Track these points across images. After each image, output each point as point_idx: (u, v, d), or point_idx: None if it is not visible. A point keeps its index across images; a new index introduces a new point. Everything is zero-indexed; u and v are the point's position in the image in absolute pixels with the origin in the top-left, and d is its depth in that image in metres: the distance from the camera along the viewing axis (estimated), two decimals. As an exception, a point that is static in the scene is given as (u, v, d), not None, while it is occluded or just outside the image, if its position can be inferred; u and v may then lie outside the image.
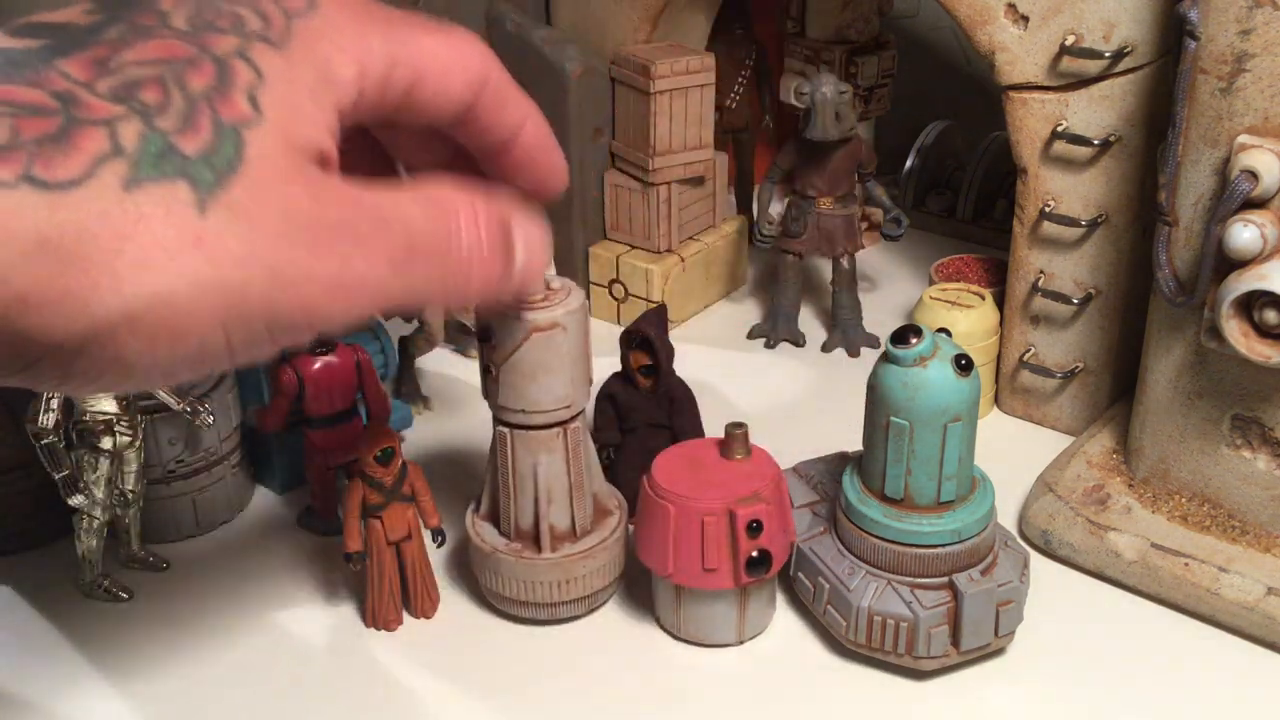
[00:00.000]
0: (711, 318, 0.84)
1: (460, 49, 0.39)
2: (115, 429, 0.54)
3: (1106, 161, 0.63)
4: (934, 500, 0.50)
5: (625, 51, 0.78)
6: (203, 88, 0.32)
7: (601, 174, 0.81)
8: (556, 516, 0.53)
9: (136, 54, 0.32)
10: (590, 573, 0.54)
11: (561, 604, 0.54)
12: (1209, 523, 0.57)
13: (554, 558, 0.53)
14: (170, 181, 0.30)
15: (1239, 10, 0.50)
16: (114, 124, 0.30)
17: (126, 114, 0.31)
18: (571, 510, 0.53)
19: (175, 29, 0.33)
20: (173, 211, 0.30)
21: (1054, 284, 0.67)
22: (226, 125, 0.32)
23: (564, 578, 0.53)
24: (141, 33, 0.32)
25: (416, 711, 0.52)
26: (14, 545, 0.61)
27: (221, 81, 0.32)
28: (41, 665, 0.54)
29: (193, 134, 0.31)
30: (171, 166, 0.30)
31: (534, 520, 0.53)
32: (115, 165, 0.30)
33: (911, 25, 1.04)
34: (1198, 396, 0.56)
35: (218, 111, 0.32)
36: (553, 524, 0.53)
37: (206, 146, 0.31)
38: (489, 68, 0.40)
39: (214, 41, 0.33)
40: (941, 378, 0.48)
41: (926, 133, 0.94)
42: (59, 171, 0.29)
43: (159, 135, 0.31)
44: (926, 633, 0.50)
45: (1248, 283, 0.49)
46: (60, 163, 0.29)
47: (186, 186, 0.31)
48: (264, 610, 0.57)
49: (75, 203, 0.29)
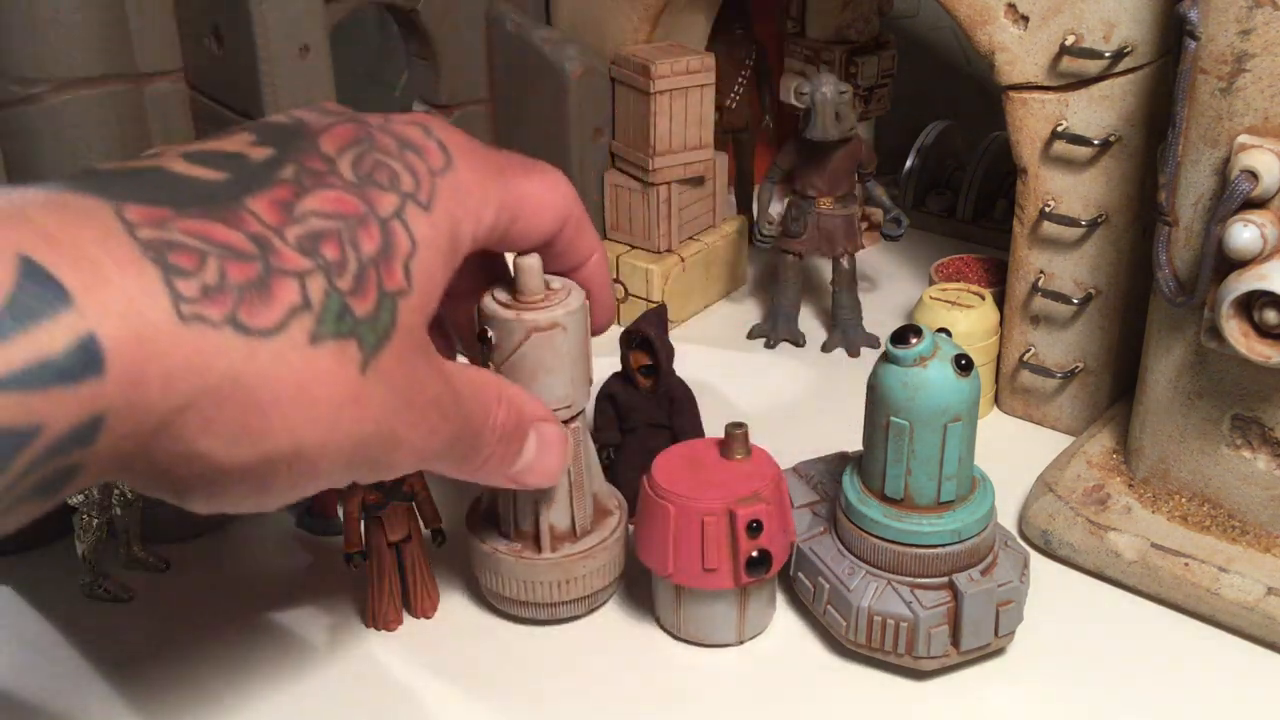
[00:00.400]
0: (711, 318, 0.84)
1: (553, 188, 0.45)
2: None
3: (1106, 161, 0.63)
4: (934, 500, 0.50)
5: (625, 51, 0.78)
6: (371, 252, 0.35)
7: (601, 174, 0.81)
8: (556, 517, 0.53)
9: (315, 203, 0.35)
10: (590, 573, 0.54)
11: (562, 604, 0.54)
12: (1209, 523, 0.57)
13: (554, 558, 0.53)
14: (344, 341, 0.34)
15: (1239, 10, 0.50)
16: (304, 278, 0.33)
17: (313, 269, 0.34)
18: (571, 510, 0.53)
19: (344, 178, 0.36)
20: (343, 369, 0.34)
21: (1054, 284, 0.67)
22: (388, 294, 0.35)
23: (564, 578, 0.53)
24: (315, 178, 0.36)
25: (416, 711, 0.52)
26: (14, 545, 0.61)
27: (386, 247, 0.36)
28: (41, 665, 0.54)
29: (363, 297, 0.34)
30: (346, 327, 0.34)
31: (534, 520, 0.53)
32: (303, 319, 0.33)
33: (911, 25, 1.04)
34: (1198, 396, 0.56)
35: (383, 279, 0.35)
36: (553, 524, 0.52)
37: (372, 311, 0.35)
38: (572, 204, 0.46)
39: (377, 199, 0.36)
40: (941, 378, 0.48)
41: (926, 133, 0.94)
42: (259, 320, 0.32)
43: (338, 295, 0.34)
44: (926, 633, 0.50)
45: (1248, 283, 0.49)
46: (261, 311, 0.32)
47: (355, 347, 0.34)
48: (264, 610, 0.57)
49: (269, 351, 0.32)
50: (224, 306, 0.31)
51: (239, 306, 0.31)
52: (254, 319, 0.32)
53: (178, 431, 0.31)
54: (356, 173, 0.37)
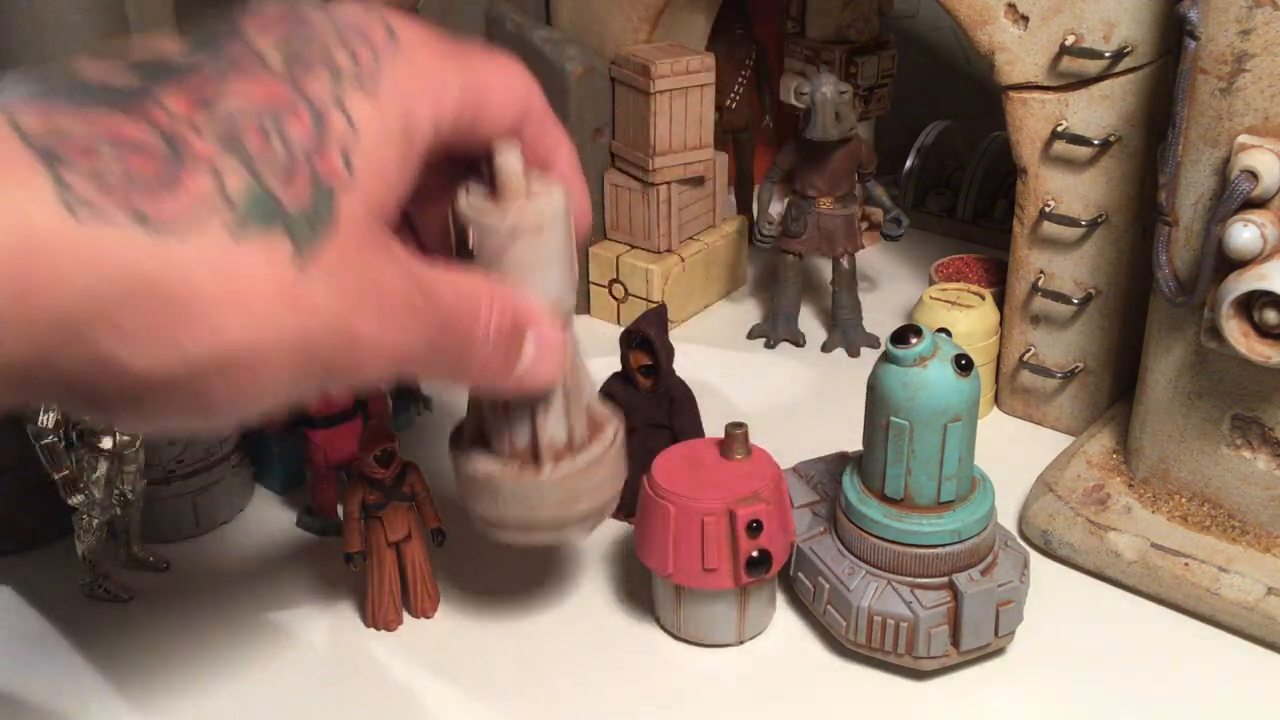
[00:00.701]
0: (711, 318, 0.84)
1: (511, 75, 0.41)
2: (115, 429, 0.54)
3: (1106, 161, 0.63)
4: (934, 500, 0.50)
5: (625, 51, 0.78)
6: (301, 139, 0.33)
7: (601, 174, 0.81)
8: (554, 428, 0.47)
9: (236, 93, 0.32)
10: (596, 485, 0.48)
11: (569, 523, 0.49)
12: (1209, 523, 0.57)
13: (556, 476, 0.47)
14: (272, 235, 0.31)
15: (1239, 10, 0.50)
16: (220, 170, 0.31)
17: (231, 160, 0.31)
18: (569, 422, 0.47)
19: (271, 69, 0.33)
20: (274, 266, 0.31)
21: (1054, 284, 0.67)
22: (324, 184, 0.33)
23: (570, 494, 0.48)
24: (239, 70, 0.33)
25: (416, 711, 0.52)
26: (14, 545, 0.61)
27: (319, 134, 0.33)
28: (41, 665, 0.54)
29: (292, 189, 0.32)
30: (273, 219, 0.31)
31: (530, 436, 0.47)
32: (222, 213, 0.30)
33: (911, 25, 1.04)
34: (1198, 396, 0.56)
35: (316, 168, 0.33)
36: (551, 436, 0.47)
37: (305, 204, 0.32)
38: (533, 92, 0.42)
39: (309, 85, 0.34)
40: (941, 378, 0.48)
41: (926, 133, 0.94)
42: (167, 213, 0.29)
43: (262, 187, 0.31)
44: (926, 633, 0.50)
45: (1248, 283, 0.49)
46: (169, 205, 0.30)
47: (287, 242, 0.31)
48: (264, 610, 0.57)
49: (185, 251, 0.30)
50: (125, 201, 0.29)
51: (143, 201, 0.29)
52: (161, 213, 0.29)
53: (85, 339, 0.29)
54: (287, 61, 0.34)
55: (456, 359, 0.39)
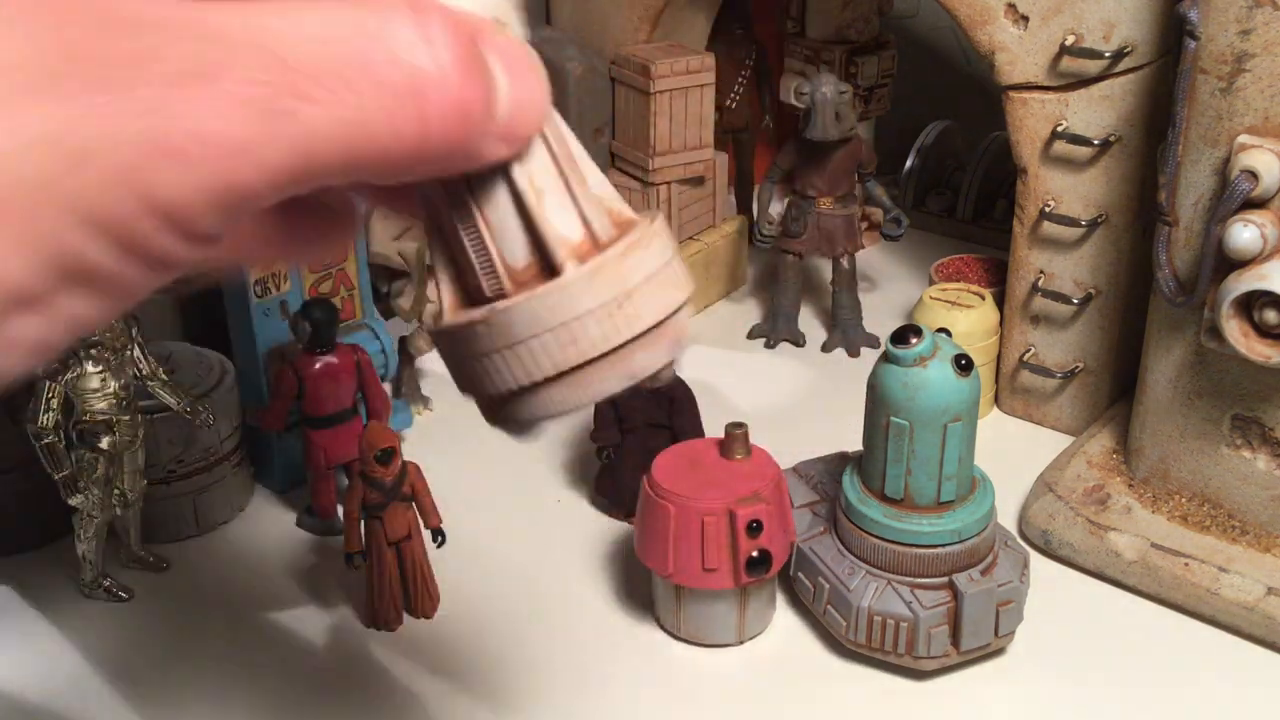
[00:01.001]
0: (711, 318, 0.84)
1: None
2: (115, 429, 0.54)
3: (1106, 161, 0.63)
4: (934, 500, 0.50)
5: (625, 51, 0.78)
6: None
7: (601, 174, 0.81)
8: (558, 217, 0.30)
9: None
10: (651, 276, 0.30)
11: (630, 341, 0.30)
12: (1209, 523, 0.57)
13: (585, 270, 0.29)
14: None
15: (1239, 10, 0.50)
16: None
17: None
18: (577, 205, 0.31)
19: None
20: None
21: (1054, 284, 0.67)
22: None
23: (616, 292, 0.30)
24: None
25: (416, 711, 0.52)
26: (14, 545, 0.61)
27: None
28: (41, 665, 0.54)
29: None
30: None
31: (529, 238, 0.30)
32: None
33: (911, 25, 1.04)
34: (1198, 396, 0.56)
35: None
36: (557, 228, 0.30)
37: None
38: None
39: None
40: (941, 378, 0.48)
41: (926, 133, 0.94)
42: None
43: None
44: (926, 633, 0.50)
45: (1248, 283, 0.49)
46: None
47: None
48: (264, 610, 0.57)
49: None
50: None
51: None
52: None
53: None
54: None
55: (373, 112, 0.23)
